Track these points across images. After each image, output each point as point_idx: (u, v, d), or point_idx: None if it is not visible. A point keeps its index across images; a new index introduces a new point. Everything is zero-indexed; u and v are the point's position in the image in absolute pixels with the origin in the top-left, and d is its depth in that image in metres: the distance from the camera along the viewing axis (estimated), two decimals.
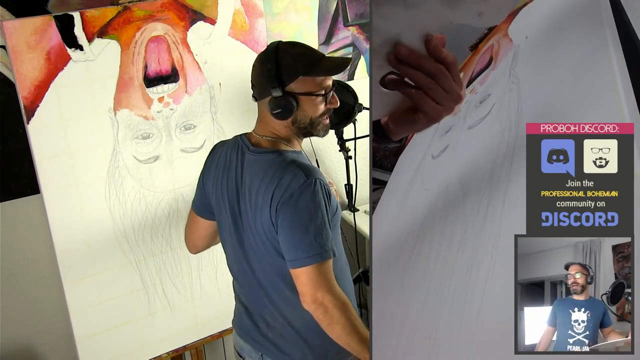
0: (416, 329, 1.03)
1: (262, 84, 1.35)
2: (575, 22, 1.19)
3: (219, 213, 1.48)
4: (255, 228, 1.38)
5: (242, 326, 1.55)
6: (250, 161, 1.40)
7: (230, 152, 1.45)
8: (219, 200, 1.46)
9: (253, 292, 1.48)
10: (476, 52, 1.85)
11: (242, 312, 1.54)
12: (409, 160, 1.77)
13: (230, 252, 1.51)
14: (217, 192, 1.46)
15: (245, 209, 1.40)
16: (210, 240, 1.62)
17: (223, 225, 1.49)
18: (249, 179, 1.38)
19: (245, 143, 1.43)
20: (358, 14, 2.34)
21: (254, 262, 1.43)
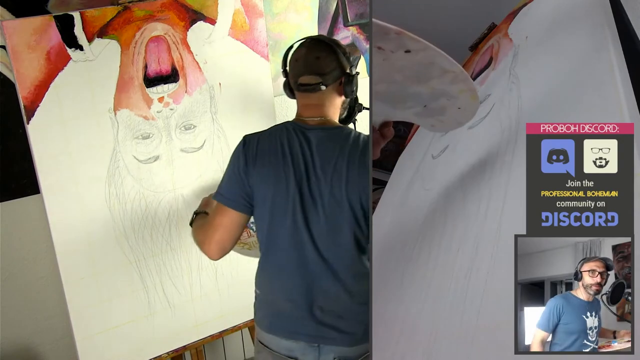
0: (416, 329, 1.03)
1: (337, 67, 1.47)
2: (575, 22, 1.20)
3: (274, 202, 1.45)
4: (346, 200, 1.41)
5: (289, 326, 1.50)
6: (321, 139, 1.45)
7: (285, 138, 1.46)
8: (279, 188, 1.44)
9: (311, 279, 1.46)
10: (476, 52, 1.86)
11: (286, 310, 1.49)
12: (409, 160, 1.78)
13: (285, 242, 1.47)
14: (276, 180, 1.44)
15: (323, 187, 1.42)
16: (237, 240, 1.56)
17: (278, 213, 1.45)
18: (327, 155, 1.43)
19: (303, 127, 1.48)
20: (358, 14, 2.34)
21: (324, 244, 1.44)
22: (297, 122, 1.49)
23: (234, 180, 1.49)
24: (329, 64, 1.46)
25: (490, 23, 1.82)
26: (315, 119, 1.49)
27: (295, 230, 1.44)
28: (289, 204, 1.43)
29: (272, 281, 1.53)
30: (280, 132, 1.48)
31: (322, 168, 1.43)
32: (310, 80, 1.46)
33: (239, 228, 1.51)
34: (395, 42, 0.96)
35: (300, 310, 1.47)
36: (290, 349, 1.51)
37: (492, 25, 1.81)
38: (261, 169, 1.45)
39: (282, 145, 1.45)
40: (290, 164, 1.43)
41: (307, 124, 1.48)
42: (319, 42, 1.49)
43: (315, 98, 1.49)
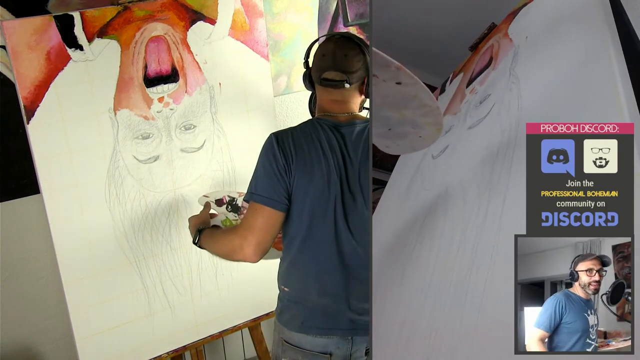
0: (416, 328, 1.03)
1: (363, 67, 1.49)
2: (575, 22, 1.19)
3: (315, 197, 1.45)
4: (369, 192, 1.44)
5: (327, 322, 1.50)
6: (354, 133, 1.48)
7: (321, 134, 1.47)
8: (321, 184, 1.44)
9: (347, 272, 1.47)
10: (476, 52, 1.86)
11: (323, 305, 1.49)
12: (409, 160, 1.77)
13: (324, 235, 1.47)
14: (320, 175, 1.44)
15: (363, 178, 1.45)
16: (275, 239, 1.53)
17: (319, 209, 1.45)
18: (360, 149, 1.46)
19: (334, 123, 1.50)
20: (358, 14, 2.34)
21: (362, 235, 1.46)
22: (326, 118, 1.51)
23: (272, 178, 1.45)
24: (355, 63, 1.47)
25: (490, 23, 1.82)
26: (345, 114, 1.51)
27: (335, 225, 1.46)
28: (330, 199, 1.45)
29: (306, 277, 1.51)
30: (313, 128, 1.49)
31: (358, 163, 1.46)
32: (335, 77, 1.47)
33: (278, 227, 1.48)
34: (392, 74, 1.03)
35: (338, 305, 1.49)
36: (324, 345, 1.51)
37: (492, 25, 1.81)
38: (302, 165, 1.45)
39: (320, 141, 1.47)
40: (330, 159, 1.45)
41: (338, 120, 1.50)
42: (349, 40, 1.50)
43: (339, 94, 1.50)
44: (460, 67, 1.91)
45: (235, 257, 1.49)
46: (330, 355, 1.52)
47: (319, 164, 1.45)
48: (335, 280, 1.49)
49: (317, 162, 1.45)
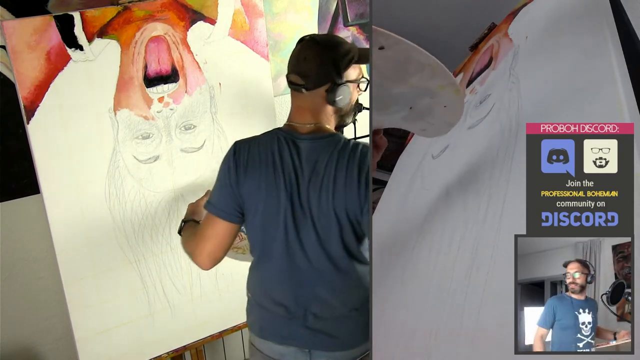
0: (416, 329, 1.03)
1: (322, 73, 1.40)
2: (575, 22, 1.20)
3: (265, 211, 1.44)
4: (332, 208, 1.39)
5: (281, 331, 1.50)
6: (310, 148, 1.43)
7: (275, 146, 1.44)
8: (270, 197, 1.43)
9: (302, 286, 1.46)
10: (476, 52, 1.86)
11: (278, 315, 1.49)
12: (409, 160, 1.78)
13: (277, 249, 1.46)
14: (267, 188, 1.43)
15: (312, 196, 1.41)
16: (228, 249, 1.54)
17: (270, 222, 1.45)
18: (315, 164, 1.41)
19: (293, 135, 1.45)
20: (358, 14, 2.34)
21: (313, 251, 1.43)
22: (288, 130, 1.46)
23: (225, 190, 1.47)
24: (314, 67, 1.40)
25: (490, 23, 1.82)
26: (307, 125, 1.45)
27: (286, 240, 1.44)
28: (280, 214, 1.42)
29: (264, 286, 1.53)
30: (271, 140, 1.45)
31: (310, 179, 1.41)
32: (296, 80, 1.43)
33: (230, 238, 1.50)
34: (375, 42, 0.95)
35: (292, 317, 1.48)
36: (281, 353, 1.51)
37: (492, 25, 1.81)
38: (252, 179, 1.43)
39: (273, 155, 1.43)
40: (280, 174, 1.41)
41: (297, 132, 1.45)
42: (315, 42, 1.43)
43: (304, 100, 1.45)
44: (460, 67, 1.91)
45: (193, 260, 1.53)
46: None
47: (269, 178, 1.42)
48: (289, 293, 1.47)
49: (267, 176, 1.42)
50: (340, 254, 1.44)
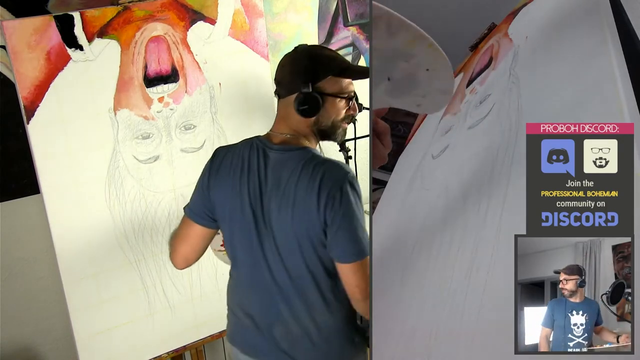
0: (416, 329, 1.03)
1: (292, 80, 1.37)
2: (575, 22, 1.19)
3: (232, 217, 1.43)
4: (290, 226, 1.35)
5: (248, 341, 1.49)
6: (277, 160, 1.39)
7: (247, 153, 1.42)
8: (234, 204, 1.41)
9: (267, 299, 1.43)
10: (476, 52, 1.86)
11: (246, 325, 1.48)
12: (409, 160, 1.77)
13: (242, 258, 1.46)
14: (232, 195, 1.41)
15: (272, 210, 1.37)
16: (202, 252, 1.55)
17: (237, 230, 1.43)
18: (279, 177, 1.37)
19: (266, 144, 1.41)
20: (358, 14, 2.34)
21: (275, 266, 1.39)
22: (264, 138, 1.44)
23: (199, 194, 1.48)
24: (286, 74, 1.40)
25: (490, 23, 1.82)
26: (281, 135, 1.42)
27: (251, 250, 1.41)
28: (245, 222, 1.40)
29: (235, 294, 1.53)
30: (245, 147, 1.43)
31: (272, 192, 1.37)
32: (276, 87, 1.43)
33: (203, 241, 1.51)
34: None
35: (258, 330, 1.46)
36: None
37: (492, 25, 1.81)
38: (220, 185, 1.43)
39: (243, 162, 1.41)
40: (246, 182, 1.39)
41: (271, 141, 1.42)
42: (295, 51, 1.42)
43: (281, 109, 1.43)
44: (460, 67, 1.91)
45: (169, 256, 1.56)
46: None
47: (235, 185, 1.40)
48: (254, 304, 1.46)
49: (233, 183, 1.41)
50: (299, 274, 1.39)
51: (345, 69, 1.40)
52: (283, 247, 1.38)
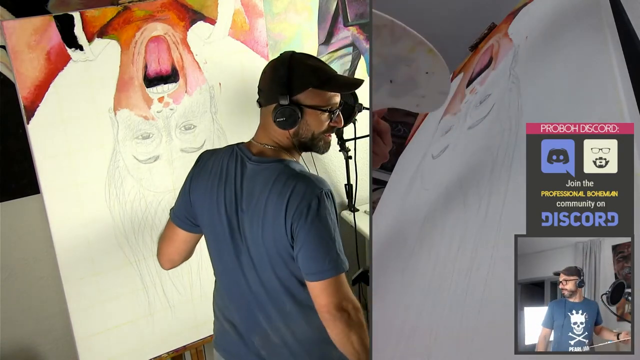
0: (416, 329, 1.03)
1: (271, 90, 1.34)
2: (575, 22, 1.19)
3: (210, 224, 1.42)
4: (261, 239, 1.33)
5: (229, 347, 1.48)
6: (253, 171, 1.36)
7: (226, 161, 1.40)
8: (212, 211, 1.40)
9: (245, 307, 1.42)
10: (476, 52, 1.86)
11: (228, 330, 1.47)
12: (409, 160, 1.77)
13: (221, 266, 1.45)
14: (210, 202, 1.40)
15: (245, 221, 1.35)
16: (188, 254, 1.55)
17: (215, 237, 1.43)
18: (252, 189, 1.34)
19: (245, 153, 1.39)
20: (358, 14, 2.34)
21: (251, 276, 1.38)
22: (244, 146, 1.41)
23: (182, 198, 1.48)
24: (266, 82, 1.37)
25: (490, 23, 1.82)
26: (259, 145, 1.39)
27: (228, 257, 1.40)
28: (221, 230, 1.39)
29: (218, 299, 1.53)
30: (226, 154, 1.42)
31: (246, 203, 1.35)
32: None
33: (186, 245, 1.50)
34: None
35: (239, 337, 1.45)
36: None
37: (492, 25, 1.81)
38: (199, 191, 1.42)
39: (222, 170, 1.39)
40: (223, 191, 1.37)
41: (250, 151, 1.39)
42: (278, 59, 1.38)
43: (261, 118, 1.41)
44: (460, 67, 1.91)
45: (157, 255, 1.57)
46: None
47: (212, 192, 1.39)
48: (234, 311, 1.46)
49: (211, 190, 1.39)
50: (273, 285, 1.37)
51: (326, 81, 1.34)
52: (257, 260, 1.36)
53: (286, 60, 1.34)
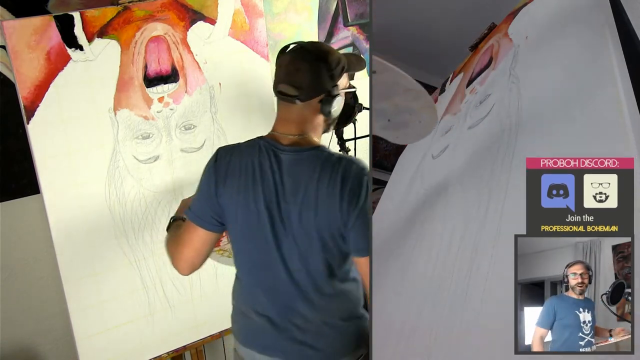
0: (416, 329, 1.03)
1: (317, 83, 1.36)
2: (575, 22, 1.20)
3: (245, 221, 1.41)
4: (314, 225, 1.35)
5: (266, 340, 1.48)
6: (292, 162, 1.38)
7: (257, 157, 1.40)
8: (247, 209, 1.39)
9: (284, 297, 1.44)
10: (476, 52, 1.86)
11: (263, 325, 1.47)
12: (409, 160, 1.78)
13: (257, 261, 1.45)
14: (245, 201, 1.39)
15: (292, 211, 1.37)
16: (207, 257, 1.53)
17: (249, 234, 1.42)
18: (298, 179, 1.36)
19: (276, 146, 1.40)
20: (358, 14, 2.34)
21: (294, 264, 1.40)
22: (270, 139, 1.42)
23: (205, 198, 1.44)
24: (308, 78, 1.35)
25: (490, 23, 1.82)
26: (290, 136, 1.40)
27: (266, 251, 1.41)
28: (259, 226, 1.39)
29: (246, 296, 1.52)
30: (253, 149, 1.41)
31: (291, 193, 1.37)
32: (288, 91, 1.37)
33: (209, 246, 1.48)
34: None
35: (275, 328, 1.46)
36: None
37: (492, 25, 1.81)
38: (231, 189, 1.40)
39: (253, 166, 1.39)
40: (260, 185, 1.38)
41: (279, 142, 1.40)
42: (307, 51, 1.38)
43: (292, 111, 1.40)
44: (460, 67, 1.91)
45: (172, 264, 1.52)
46: None
47: (247, 189, 1.39)
48: (270, 304, 1.46)
49: (245, 187, 1.39)
50: (320, 271, 1.40)
51: (350, 63, 1.43)
52: (304, 248, 1.39)
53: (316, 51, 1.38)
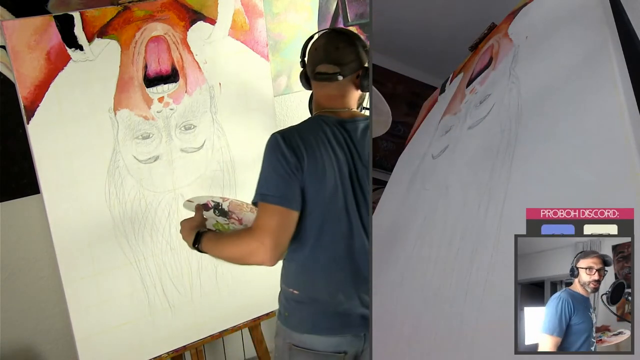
0: (416, 328, 1.03)
1: (356, 59, 1.50)
2: (575, 22, 1.20)
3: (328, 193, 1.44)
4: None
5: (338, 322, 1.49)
6: (359, 130, 1.49)
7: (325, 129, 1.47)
8: (331, 180, 1.43)
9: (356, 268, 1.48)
10: (476, 52, 1.86)
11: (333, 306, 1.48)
12: (409, 160, 1.78)
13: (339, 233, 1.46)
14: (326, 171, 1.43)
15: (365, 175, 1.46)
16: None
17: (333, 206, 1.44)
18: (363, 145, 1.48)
19: (337, 120, 1.50)
20: (358, 13, 2.34)
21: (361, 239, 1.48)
22: (327, 115, 1.50)
23: (284, 177, 1.41)
24: (348, 54, 1.49)
25: (490, 23, 1.82)
26: (344, 110, 1.52)
27: (348, 220, 1.46)
28: (342, 195, 1.45)
29: (319, 278, 1.50)
30: (318, 125, 1.48)
31: (363, 158, 1.47)
32: (328, 70, 1.48)
33: (294, 227, 1.43)
34: None
35: (350, 302, 1.49)
36: (338, 344, 1.49)
37: (492, 25, 1.81)
38: (314, 163, 1.43)
39: (328, 138, 1.46)
40: (340, 155, 1.45)
41: (340, 116, 1.50)
42: (340, 33, 1.53)
43: (335, 88, 1.51)
44: (460, 67, 1.91)
45: (250, 260, 1.43)
46: (345, 353, 1.50)
47: (329, 160, 1.45)
48: (346, 278, 1.49)
49: (327, 158, 1.44)
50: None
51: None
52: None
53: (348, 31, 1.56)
